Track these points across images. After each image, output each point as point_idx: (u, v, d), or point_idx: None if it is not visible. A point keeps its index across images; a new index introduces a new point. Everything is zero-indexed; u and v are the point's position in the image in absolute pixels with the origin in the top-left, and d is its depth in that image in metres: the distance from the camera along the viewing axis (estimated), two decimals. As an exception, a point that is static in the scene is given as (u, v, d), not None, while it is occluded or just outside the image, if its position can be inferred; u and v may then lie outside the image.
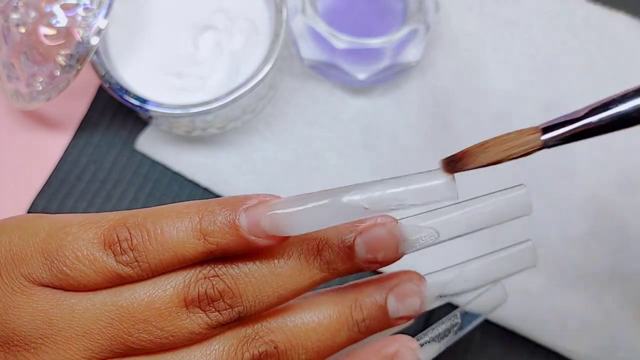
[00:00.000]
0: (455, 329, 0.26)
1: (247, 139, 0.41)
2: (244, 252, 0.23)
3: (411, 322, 0.27)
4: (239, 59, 0.39)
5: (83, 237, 0.23)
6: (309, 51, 0.40)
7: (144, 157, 0.41)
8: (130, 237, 0.22)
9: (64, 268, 0.22)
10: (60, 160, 0.41)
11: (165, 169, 0.41)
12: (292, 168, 0.40)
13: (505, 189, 0.24)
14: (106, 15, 0.36)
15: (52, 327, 0.22)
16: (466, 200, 0.23)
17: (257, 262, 0.23)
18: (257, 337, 0.23)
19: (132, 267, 0.22)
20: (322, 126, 0.41)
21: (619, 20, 0.42)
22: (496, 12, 0.43)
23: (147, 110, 0.37)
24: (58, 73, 0.37)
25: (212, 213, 0.22)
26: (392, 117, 0.41)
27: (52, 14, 0.36)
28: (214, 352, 0.23)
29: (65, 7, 0.36)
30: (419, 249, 0.24)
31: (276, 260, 0.23)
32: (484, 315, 0.26)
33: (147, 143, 0.41)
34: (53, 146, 0.41)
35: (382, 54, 0.39)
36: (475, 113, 0.41)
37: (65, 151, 0.41)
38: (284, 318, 0.24)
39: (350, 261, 0.24)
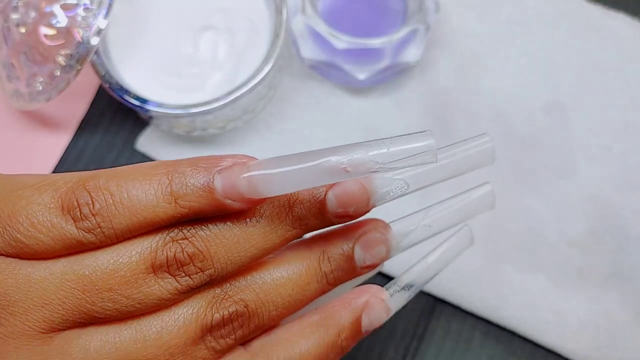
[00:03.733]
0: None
1: (247, 139, 0.41)
2: (217, 214, 0.22)
3: (377, 270, 0.27)
4: (239, 59, 0.39)
5: (38, 201, 0.21)
6: (309, 51, 0.40)
7: (144, 157, 0.41)
8: (92, 201, 0.20)
9: (18, 235, 0.20)
10: (60, 160, 0.41)
11: (165, 169, 0.41)
12: (292, 168, 0.40)
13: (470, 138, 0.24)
14: (106, 15, 0.36)
15: (8, 298, 0.20)
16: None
17: (228, 222, 0.22)
18: (226, 297, 0.22)
19: (95, 233, 0.21)
20: (322, 126, 0.41)
21: (619, 20, 0.42)
22: (496, 12, 0.43)
23: (147, 110, 0.37)
24: (58, 73, 0.37)
25: (183, 175, 0.21)
26: (392, 117, 0.41)
27: (52, 14, 0.36)
28: (182, 316, 0.22)
29: (65, 7, 0.36)
30: (389, 201, 0.23)
31: (248, 219, 0.22)
32: (451, 260, 0.26)
33: (147, 143, 0.41)
34: (53, 146, 0.41)
35: (382, 54, 0.39)
36: (475, 113, 0.41)
37: (65, 151, 0.41)
38: (252, 276, 0.23)
39: (322, 216, 0.23)
